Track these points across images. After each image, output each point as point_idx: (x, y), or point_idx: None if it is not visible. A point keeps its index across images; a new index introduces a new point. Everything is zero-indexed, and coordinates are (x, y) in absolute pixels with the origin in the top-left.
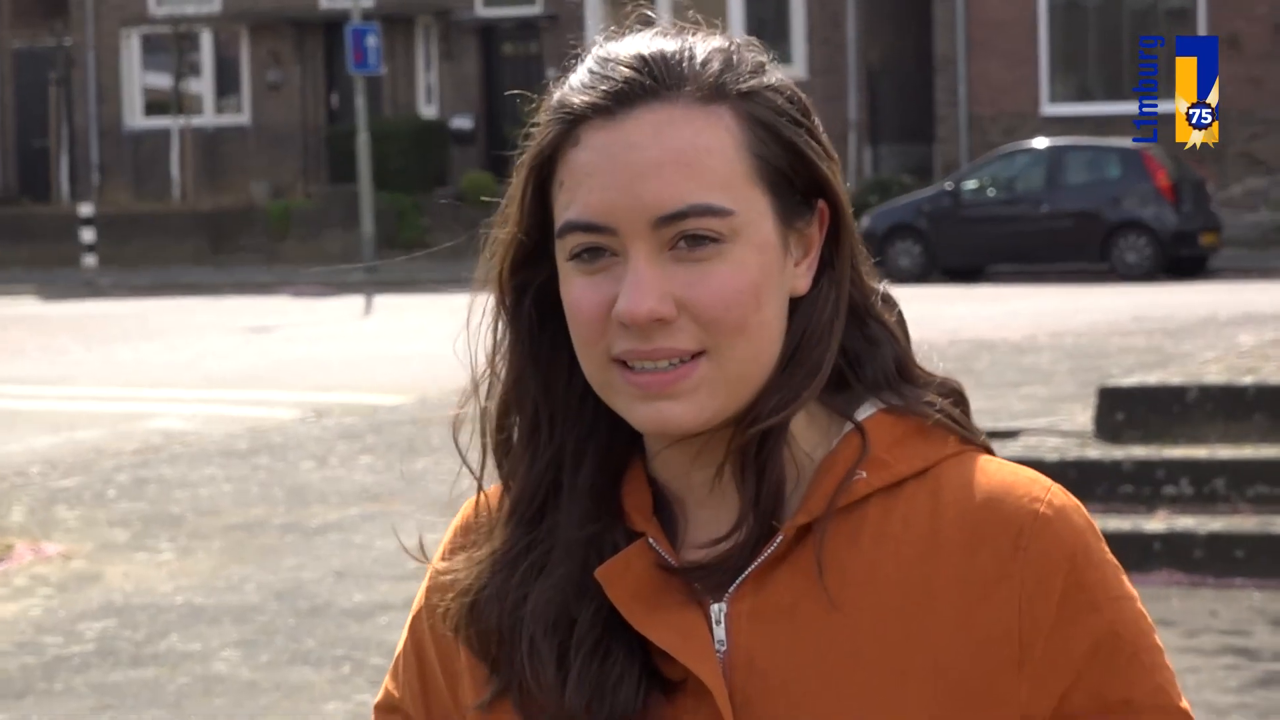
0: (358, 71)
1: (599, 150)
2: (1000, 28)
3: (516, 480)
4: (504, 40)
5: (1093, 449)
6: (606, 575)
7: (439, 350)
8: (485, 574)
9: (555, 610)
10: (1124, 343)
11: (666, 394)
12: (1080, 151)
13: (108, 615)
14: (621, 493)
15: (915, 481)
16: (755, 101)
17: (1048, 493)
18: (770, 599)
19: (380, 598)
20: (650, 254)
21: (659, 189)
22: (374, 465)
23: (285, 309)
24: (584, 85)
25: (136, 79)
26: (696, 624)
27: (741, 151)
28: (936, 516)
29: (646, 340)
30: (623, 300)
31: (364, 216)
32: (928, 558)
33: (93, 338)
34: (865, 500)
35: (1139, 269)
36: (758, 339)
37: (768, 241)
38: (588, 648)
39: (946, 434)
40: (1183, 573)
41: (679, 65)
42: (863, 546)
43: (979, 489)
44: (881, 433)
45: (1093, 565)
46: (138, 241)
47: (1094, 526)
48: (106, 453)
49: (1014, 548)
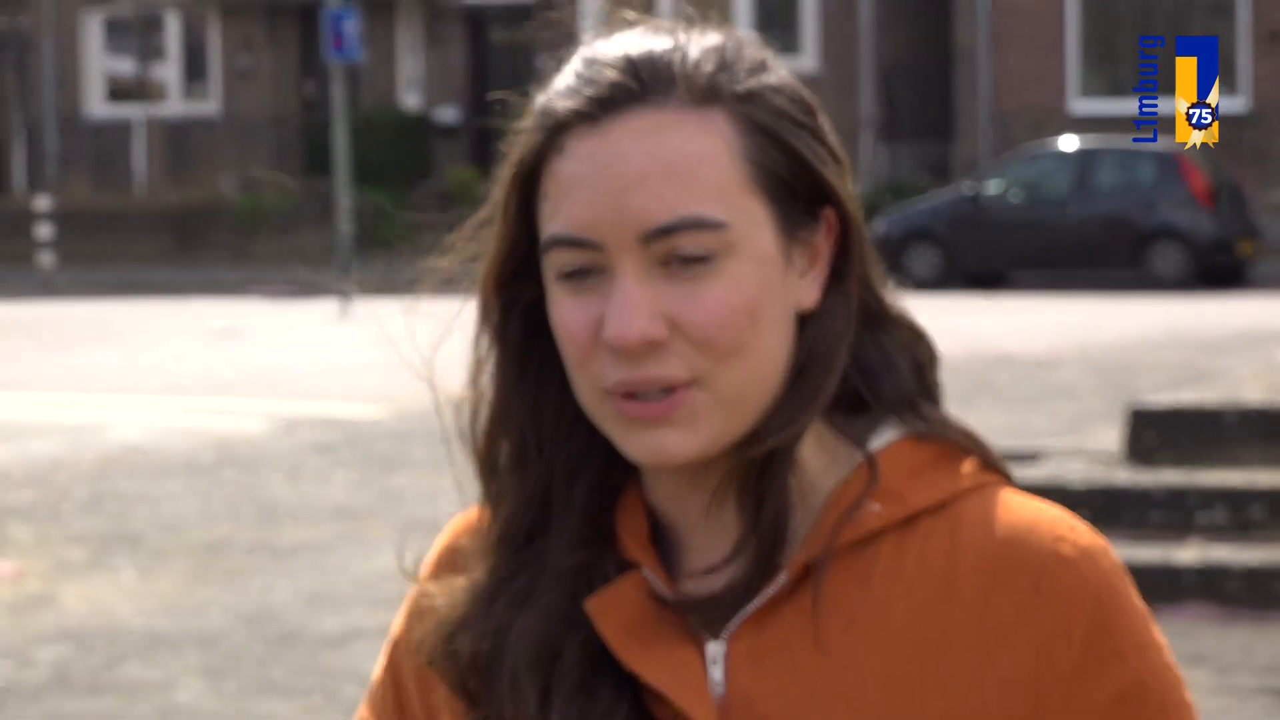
0: (335, 59)
1: (584, 160)
2: (1026, 16)
3: (504, 504)
4: (493, 26)
5: (1121, 473)
6: (597, 607)
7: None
8: (464, 603)
9: (540, 642)
10: (1155, 358)
11: (662, 422)
12: (1111, 153)
13: (63, 640)
14: (615, 519)
15: (932, 516)
16: (753, 103)
17: (1073, 532)
18: (772, 639)
19: (355, 624)
20: (639, 271)
21: (646, 201)
22: (349, 481)
23: (255, 311)
24: (569, 89)
25: (98, 64)
26: (692, 663)
27: (737, 158)
28: (954, 556)
29: (638, 367)
30: (611, 323)
31: (340, 214)
32: (943, 600)
33: (48, 341)
34: (878, 536)
35: (1172, 279)
36: (756, 360)
37: (766, 254)
38: (572, 683)
39: (967, 463)
40: (1216, 606)
41: (668, 67)
42: (874, 586)
43: (1000, 526)
44: (897, 463)
45: (1119, 611)
46: (98, 238)
47: (1122, 569)
48: (62, 465)
49: (1034, 590)
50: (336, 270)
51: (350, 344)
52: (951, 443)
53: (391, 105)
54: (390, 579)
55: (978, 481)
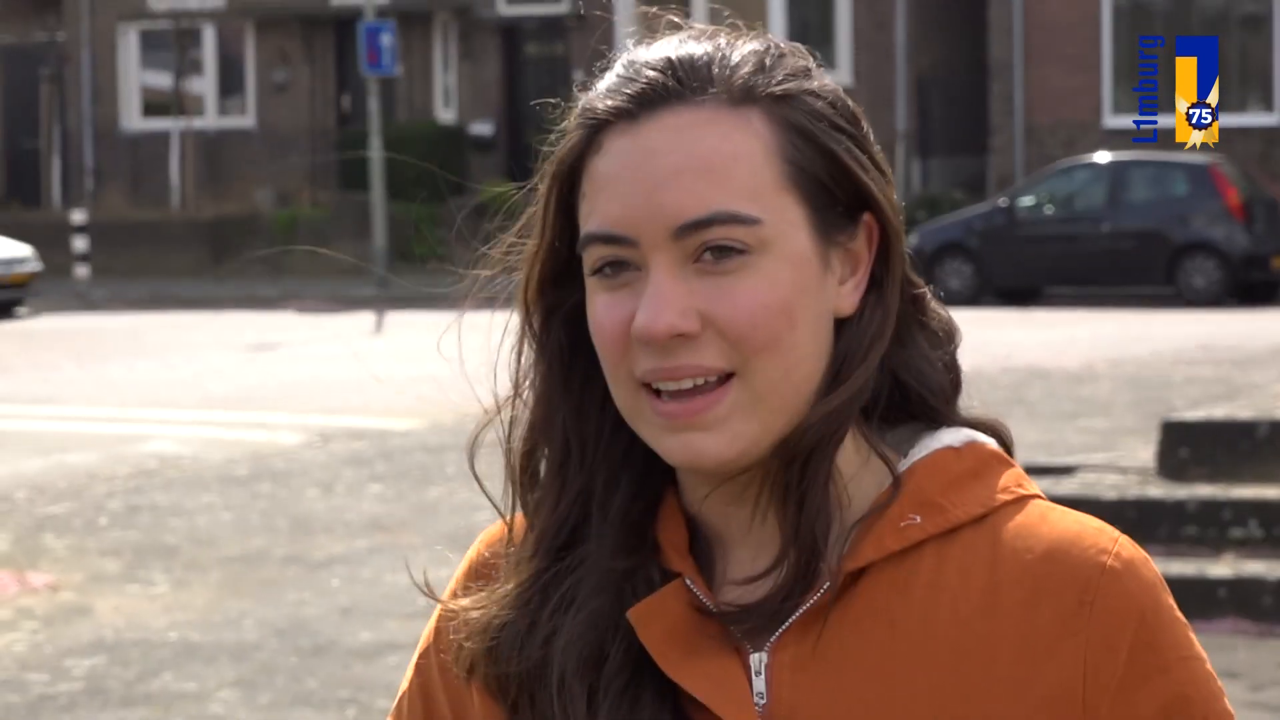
0: (371, 72)
1: (620, 157)
2: (1061, 31)
3: (543, 513)
4: (527, 40)
5: (1154, 487)
6: (640, 616)
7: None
8: (505, 611)
9: (588, 647)
10: (1189, 373)
11: (696, 424)
12: (1145, 167)
13: (97, 651)
14: (656, 528)
15: (973, 528)
16: (791, 105)
17: (1115, 544)
18: (815, 649)
19: (388, 636)
20: (672, 266)
21: (680, 197)
22: (383, 494)
23: (290, 325)
24: (609, 89)
25: (134, 77)
26: (734, 673)
27: (772, 158)
28: (996, 568)
29: (669, 357)
30: (640, 315)
31: (376, 227)
32: (986, 613)
33: (85, 354)
34: (919, 547)
35: (1207, 293)
36: (790, 359)
37: (802, 255)
38: (617, 689)
39: (1006, 476)
40: (1250, 621)
41: (707, 68)
42: (915, 597)
43: (1042, 539)
44: (937, 474)
45: (1162, 624)
46: (134, 251)
47: (1163, 582)
48: (98, 477)
49: (1079, 603)
50: (372, 283)
51: (385, 357)
52: (992, 455)
53: (427, 119)
54: None
55: (1016, 494)
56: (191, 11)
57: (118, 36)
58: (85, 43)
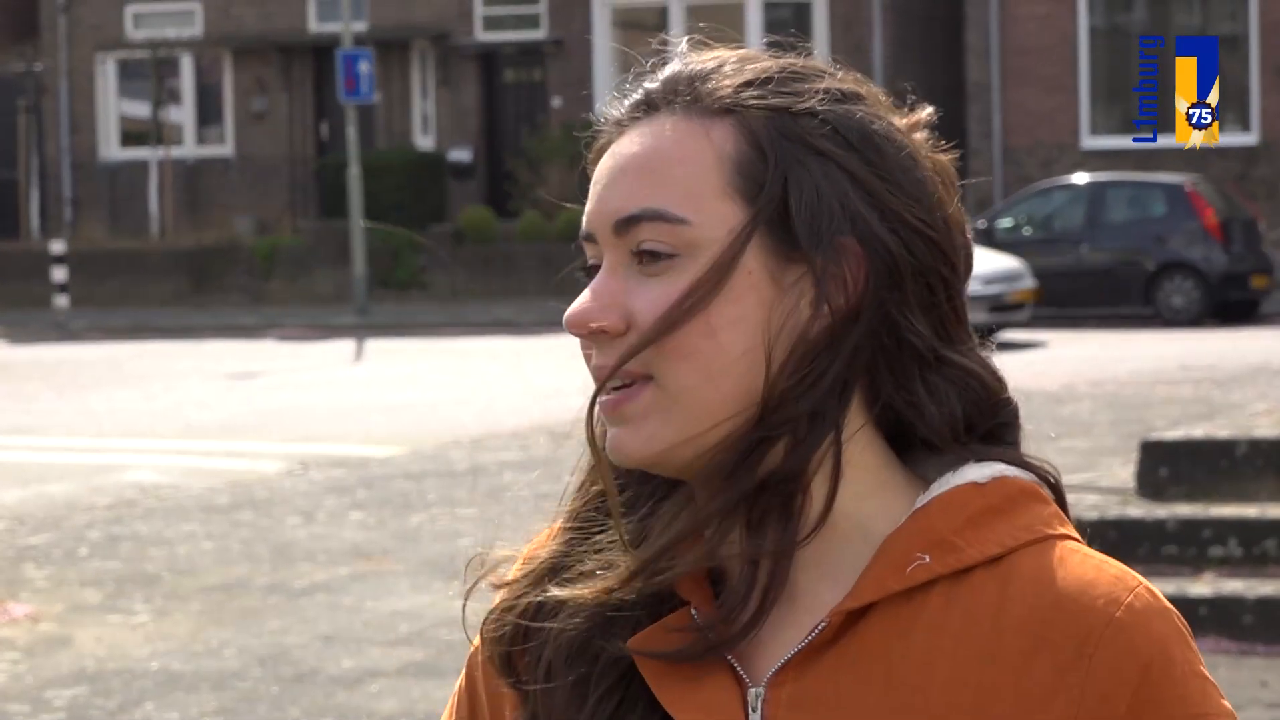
0: (349, 100)
1: (604, 161)
2: (1037, 53)
3: (585, 487)
4: (505, 67)
5: (1134, 507)
6: (640, 645)
7: (435, 398)
8: (520, 584)
9: (579, 639)
10: (1169, 393)
11: (617, 419)
12: (1122, 187)
13: (78, 682)
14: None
15: (986, 569)
16: (767, 122)
17: (1130, 594)
18: (813, 688)
19: (371, 664)
20: (616, 264)
21: (616, 194)
22: (365, 521)
23: (270, 354)
24: (618, 99)
25: (112, 107)
26: (730, 706)
27: (722, 166)
28: (1001, 613)
29: (599, 355)
30: (570, 306)
31: (356, 255)
32: (984, 660)
33: (64, 384)
34: (928, 586)
35: (1185, 313)
36: (710, 367)
37: (740, 265)
38: (606, 687)
39: (1031, 513)
40: (1230, 640)
41: (691, 80)
42: (916, 639)
43: (1052, 584)
44: (955, 510)
45: (1172, 681)
46: (113, 281)
47: (1183, 635)
48: (78, 507)
49: (1078, 655)
50: (352, 311)
51: (365, 385)
52: (1021, 491)
53: (406, 146)
54: (405, 619)
55: (1040, 534)
56: (169, 40)
57: (95, 66)
58: (63, 73)
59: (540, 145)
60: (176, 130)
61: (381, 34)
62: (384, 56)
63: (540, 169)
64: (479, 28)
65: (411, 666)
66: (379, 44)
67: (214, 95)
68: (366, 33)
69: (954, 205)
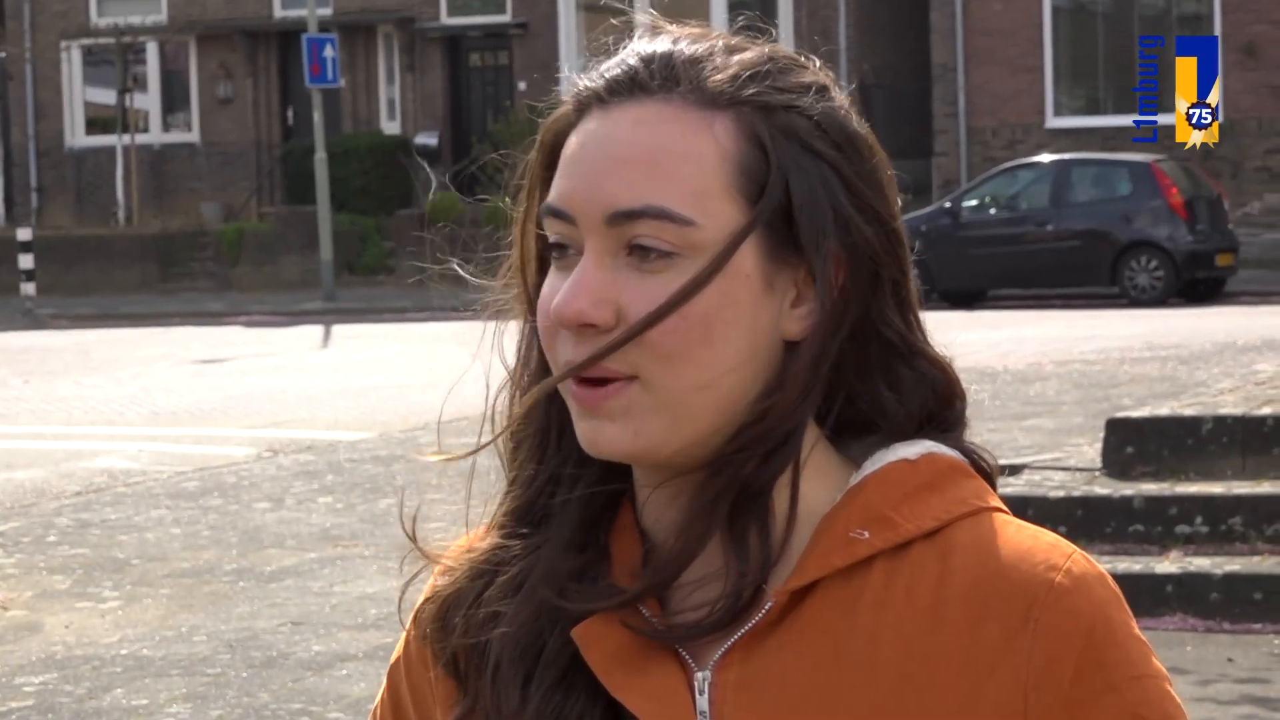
0: (315, 85)
1: (585, 137)
2: (1002, 34)
3: (514, 490)
4: (471, 51)
5: (1101, 485)
6: (583, 635)
7: (403, 382)
8: (461, 581)
9: (527, 635)
10: (1135, 371)
11: (601, 412)
12: (1087, 166)
13: (48, 668)
14: (610, 534)
15: (924, 542)
16: (763, 118)
17: (1067, 560)
18: (760, 669)
19: (340, 648)
20: (602, 254)
21: (617, 185)
22: (333, 506)
23: (238, 339)
24: (597, 72)
25: (78, 94)
26: (678, 691)
27: (726, 165)
28: (944, 585)
29: (581, 348)
30: (557, 296)
31: (323, 240)
32: (931, 631)
33: (32, 371)
34: (869, 562)
35: (1151, 292)
36: (705, 372)
37: (738, 268)
38: (551, 680)
39: (964, 487)
40: (1197, 617)
41: (687, 66)
42: (861, 615)
43: (992, 554)
44: (890, 487)
45: (1114, 642)
46: (80, 268)
47: (1119, 599)
48: (46, 494)
49: (1023, 620)
50: (319, 297)
51: (333, 369)
52: (950, 467)
53: (372, 131)
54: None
55: (973, 507)
56: (134, 27)
57: (60, 53)
58: (28, 60)
59: (506, 130)
60: (142, 117)
61: (346, 18)
62: (349, 41)
63: (507, 153)
64: (444, 11)
65: (381, 650)
66: (344, 28)
67: (179, 81)
68: (331, 17)
69: (893, 180)
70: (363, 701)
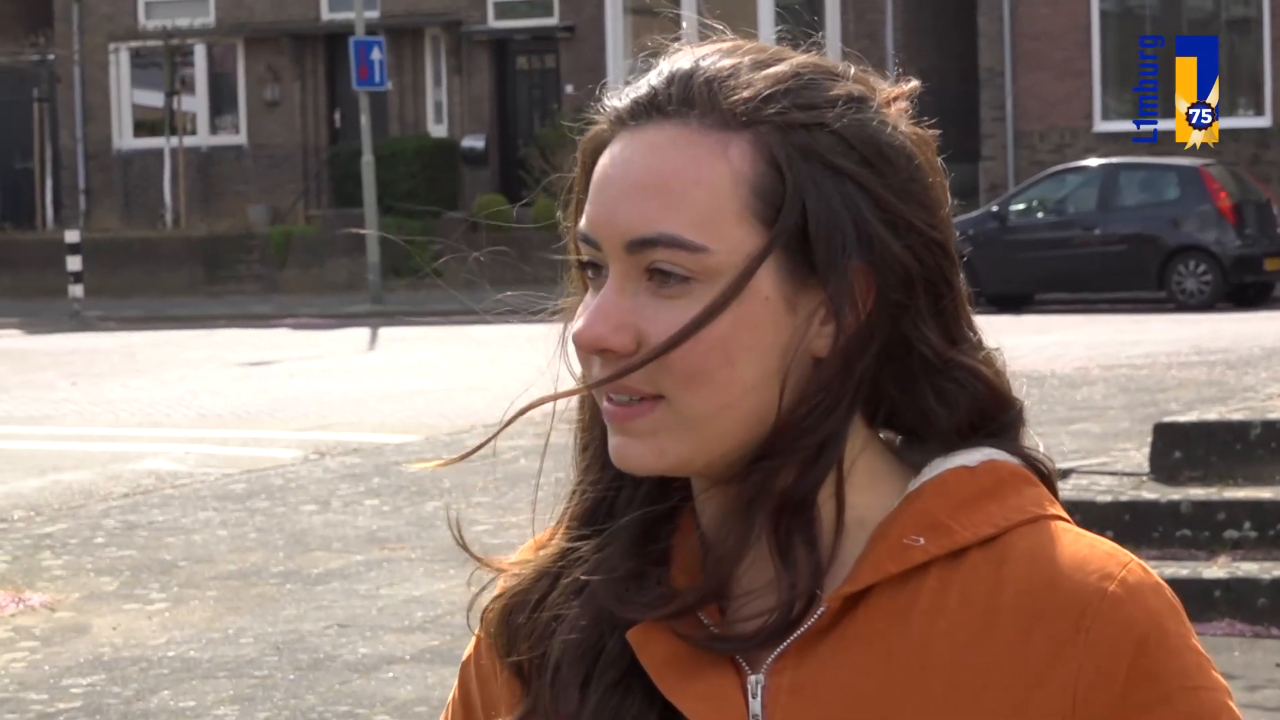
0: (362, 88)
1: (609, 160)
2: (1050, 38)
3: (581, 491)
4: (518, 54)
5: (1148, 490)
6: (638, 637)
7: (449, 385)
8: (528, 581)
9: (587, 638)
10: (1183, 376)
11: (629, 430)
12: (1135, 170)
13: (95, 670)
14: (671, 541)
15: (981, 550)
16: (782, 137)
17: (1123, 569)
18: (812, 673)
19: (386, 650)
20: (623, 279)
21: (631, 213)
22: (380, 509)
23: (285, 342)
24: (625, 91)
25: (126, 97)
26: (731, 694)
27: (740, 187)
28: (997, 592)
29: (605, 370)
30: (578, 321)
31: (370, 243)
32: (983, 638)
33: (80, 373)
34: (924, 569)
35: (1199, 297)
36: (726, 393)
37: (756, 291)
38: (609, 682)
39: (1023, 495)
40: (1245, 623)
41: (705, 85)
42: (914, 622)
43: (1047, 563)
44: (947, 494)
45: (1168, 652)
46: (127, 270)
47: (1176, 609)
48: (94, 496)
49: (1075, 629)
50: (366, 299)
51: (380, 372)
52: (1011, 474)
53: (419, 133)
54: (421, 605)
55: (1031, 514)
56: (182, 30)
57: (109, 56)
58: (76, 63)
59: (553, 132)
60: (190, 119)
61: (394, 21)
62: (396, 44)
63: (553, 156)
64: (491, 14)
65: (427, 653)
66: (391, 31)
67: (227, 84)
68: (378, 20)
69: (943, 185)
70: (409, 704)
